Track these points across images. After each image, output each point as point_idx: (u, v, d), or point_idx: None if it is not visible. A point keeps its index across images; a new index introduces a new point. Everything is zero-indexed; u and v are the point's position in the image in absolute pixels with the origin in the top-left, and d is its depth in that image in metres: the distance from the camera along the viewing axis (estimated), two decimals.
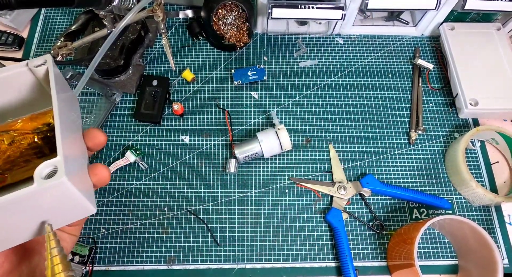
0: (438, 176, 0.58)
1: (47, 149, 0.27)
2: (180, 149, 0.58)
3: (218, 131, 0.60)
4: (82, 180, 0.25)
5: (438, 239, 0.54)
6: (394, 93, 0.64)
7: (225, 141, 0.59)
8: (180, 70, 0.64)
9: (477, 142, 0.60)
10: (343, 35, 0.68)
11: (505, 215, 0.55)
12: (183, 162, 0.57)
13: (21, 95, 0.28)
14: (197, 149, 0.58)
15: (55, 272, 0.21)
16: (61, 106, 0.24)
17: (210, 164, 0.57)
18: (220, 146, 0.59)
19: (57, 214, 0.23)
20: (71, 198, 0.22)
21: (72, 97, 0.30)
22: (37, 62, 0.26)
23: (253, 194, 0.56)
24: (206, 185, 0.56)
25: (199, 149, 0.58)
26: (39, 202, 0.21)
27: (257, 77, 0.62)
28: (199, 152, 0.58)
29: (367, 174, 0.56)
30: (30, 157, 0.27)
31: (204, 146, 0.59)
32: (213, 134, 0.59)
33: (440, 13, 0.63)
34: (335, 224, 0.52)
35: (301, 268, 0.52)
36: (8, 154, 0.26)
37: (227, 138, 0.59)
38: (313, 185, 0.56)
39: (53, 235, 0.22)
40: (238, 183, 0.56)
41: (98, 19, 0.62)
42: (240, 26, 0.64)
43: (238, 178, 0.56)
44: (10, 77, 0.26)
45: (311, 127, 0.60)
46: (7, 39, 0.63)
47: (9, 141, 0.26)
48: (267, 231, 0.53)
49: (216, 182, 0.56)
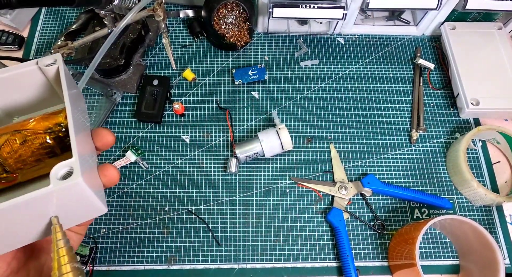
0: (439, 175, 0.58)
1: (58, 148, 0.27)
2: (180, 148, 0.58)
3: (219, 131, 0.60)
4: (94, 180, 0.25)
5: (439, 239, 0.54)
6: (395, 93, 0.63)
7: (225, 140, 0.59)
8: (181, 69, 0.64)
9: (478, 142, 0.60)
10: (344, 35, 0.68)
11: (507, 214, 0.55)
12: (183, 162, 0.57)
13: (29, 94, 0.28)
14: (197, 148, 0.58)
15: (61, 263, 0.21)
16: (73, 107, 0.24)
17: (211, 163, 0.57)
18: (220, 145, 0.59)
19: (69, 213, 0.23)
20: (85, 198, 0.23)
21: (79, 96, 0.30)
22: (47, 61, 0.26)
23: (254, 193, 0.55)
24: (206, 184, 0.56)
25: (199, 148, 0.58)
26: (53, 202, 0.21)
27: (258, 77, 0.62)
28: (200, 152, 0.58)
29: (368, 174, 0.56)
30: (41, 157, 0.27)
31: (205, 146, 0.58)
32: (213, 134, 0.59)
33: (441, 13, 0.63)
34: (336, 224, 0.52)
35: (302, 268, 0.52)
36: (20, 153, 0.26)
37: (228, 138, 0.59)
38: (314, 184, 0.56)
39: (59, 227, 0.22)
40: (239, 182, 0.56)
41: (98, 19, 0.62)
42: (241, 25, 0.64)
43: (239, 178, 0.56)
44: (19, 75, 0.26)
45: (312, 127, 0.60)
46: (7, 38, 0.63)
47: (21, 141, 0.26)
48: (268, 231, 0.53)
49: (217, 181, 0.56)
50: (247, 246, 0.52)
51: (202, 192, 0.55)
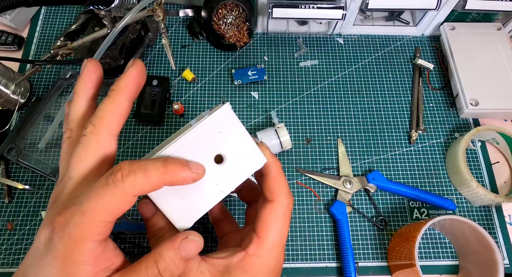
0: (438, 176, 0.58)
1: None
2: None
3: None
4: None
5: (438, 239, 0.54)
6: (395, 93, 0.64)
7: None
8: (180, 70, 0.64)
9: (477, 142, 0.60)
10: (344, 35, 0.68)
11: (506, 215, 0.55)
12: None
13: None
14: None
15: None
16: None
17: None
18: None
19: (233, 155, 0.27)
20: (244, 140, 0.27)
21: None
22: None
23: None
24: None
25: None
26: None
27: (257, 77, 0.62)
28: None
29: (374, 170, 0.57)
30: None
31: None
32: None
33: (441, 13, 0.63)
34: (338, 216, 0.52)
35: (302, 268, 0.52)
36: None
37: None
38: (320, 177, 0.56)
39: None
40: None
41: (98, 19, 0.62)
42: (241, 26, 0.64)
43: None
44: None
45: (312, 127, 0.60)
46: (7, 38, 0.63)
47: None
48: None
49: None
50: None
51: None
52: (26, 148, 0.56)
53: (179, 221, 0.27)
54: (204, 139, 0.26)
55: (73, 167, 0.24)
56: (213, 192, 0.27)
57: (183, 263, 0.25)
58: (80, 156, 0.24)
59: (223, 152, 0.27)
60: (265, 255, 0.28)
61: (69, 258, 0.21)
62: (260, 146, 0.29)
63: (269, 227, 0.28)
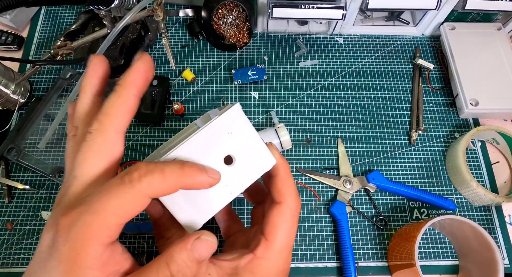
0: (438, 176, 0.58)
1: None
2: None
3: None
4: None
5: (438, 239, 0.54)
6: (395, 93, 0.64)
7: None
8: (180, 70, 0.64)
9: (477, 142, 0.60)
10: (344, 35, 0.68)
11: (506, 215, 0.55)
12: None
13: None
14: None
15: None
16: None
17: None
18: None
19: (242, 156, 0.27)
20: (253, 140, 0.27)
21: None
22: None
23: None
24: None
25: None
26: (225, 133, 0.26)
27: (257, 77, 0.62)
28: None
29: (374, 170, 0.57)
30: None
31: None
32: None
33: (441, 13, 0.63)
34: (338, 216, 0.52)
35: (302, 268, 0.52)
36: None
37: None
38: (320, 177, 0.56)
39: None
40: None
41: (98, 19, 0.62)
42: (241, 26, 0.64)
43: None
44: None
45: (312, 127, 0.60)
46: (7, 39, 0.63)
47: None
48: None
49: None
50: None
51: None
52: (26, 148, 0.56)
53: (188, 223, 0.26)
54: (214, 140, 0.26)
55: (78, 166, 0.23)
56: (222, 193, 0.27)
57: (196, 265, 0.23)
58: (86, 154, 0.23)
59: (233, 153, 0.26)
60: (274, 257, 0.28)
61: (75, 262, 0.20)
62: (270, 146, 0.28)
63: (277, 229, 0.28)
